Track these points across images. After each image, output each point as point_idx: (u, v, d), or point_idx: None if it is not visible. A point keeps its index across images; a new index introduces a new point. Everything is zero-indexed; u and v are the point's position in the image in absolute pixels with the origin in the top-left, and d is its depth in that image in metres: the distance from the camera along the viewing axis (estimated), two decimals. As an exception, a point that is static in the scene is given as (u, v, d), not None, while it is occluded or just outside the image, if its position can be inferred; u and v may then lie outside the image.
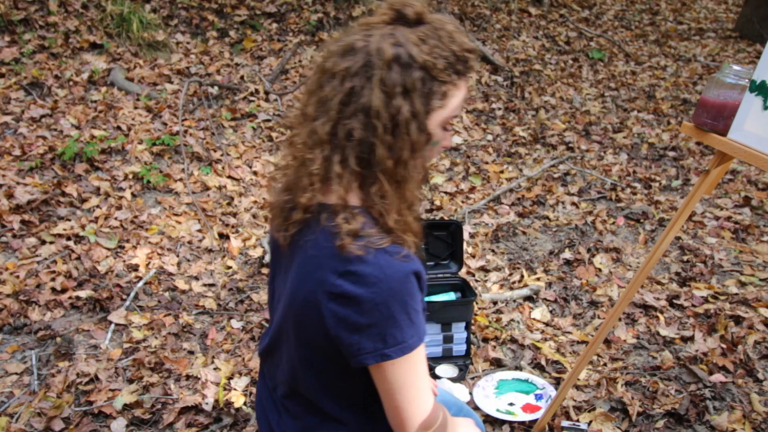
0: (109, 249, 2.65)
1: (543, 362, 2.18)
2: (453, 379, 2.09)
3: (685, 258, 2.79)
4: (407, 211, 1.00)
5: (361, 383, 1.07)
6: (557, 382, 2.08)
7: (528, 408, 1.95)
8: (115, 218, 2.84)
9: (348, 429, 1.15)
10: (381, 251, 0.94)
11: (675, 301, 2.48)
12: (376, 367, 0.98)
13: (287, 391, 1.17)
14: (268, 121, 3.96)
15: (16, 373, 2.04)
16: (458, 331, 2.15)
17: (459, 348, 2.18)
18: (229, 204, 3.13)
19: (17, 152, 3.09)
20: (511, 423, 1.91)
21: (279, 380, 1.18)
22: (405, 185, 0.98)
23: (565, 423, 1.85)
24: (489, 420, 1.92)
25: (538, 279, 2.66)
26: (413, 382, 1.01)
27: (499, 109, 4.51)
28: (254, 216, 3.07)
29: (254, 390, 2.05)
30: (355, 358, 0.97)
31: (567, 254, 2.85)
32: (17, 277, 2.41)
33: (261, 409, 1.29)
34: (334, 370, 1.08)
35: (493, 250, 2.88)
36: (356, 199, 0.98)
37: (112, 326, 2.27)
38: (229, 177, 3.34)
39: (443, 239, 2.21)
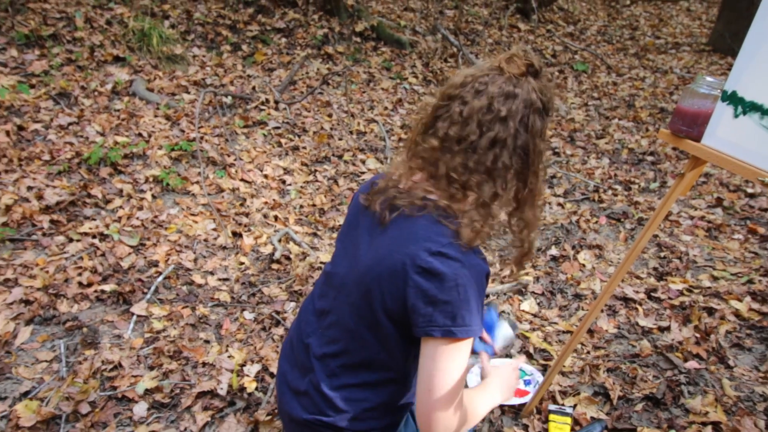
0: (131, 246, 2.66)
1: (531, 350, 2.19)
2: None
3: (662, 254, 2.79)
4: (527, 231, 1.16)
5: (408, 355, 1.13)
6: (544, 369, 2.09)
7: (517, 392, 1.96)
8: (137, 218, 2.85)
9: (378, 393, 1.17)
10: (470, 249, 1.04)
11: (653, 294, 2.49)
12: (435, 342, 1.03)
13: (335, 351, 1.17)
14: (278, 128, 3.97)
15: (46, 361, 2.04)
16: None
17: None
18: (241, 205, 3.13)
19: (47, 157, 3.10)
20: (501, 406, 1.92)
21: (328, 339, 1.19)
22: (528, 207, 1.15)
23: (552, 406, 1.86)
24: (482, 404, 1.93)
25: (527, 274, 2.67)
26: (453, 369, 1.04)
27: (491, 117, 4.51)
28: (265, 216, 3.07)
29: (265, 376, 2.06)
30: (423, 328, 1.02)
31: (553, 251, 2.85)
32: (47, 272, 2.42)
33: (286, 363, 1.29)
34: (393, 338, 1.11)
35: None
36: (464, 205, 1.08)
37: (134, 317, 2.28)
38: (242, 180, 3.34)
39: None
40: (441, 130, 1.12)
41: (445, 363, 1.03)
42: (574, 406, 1.91)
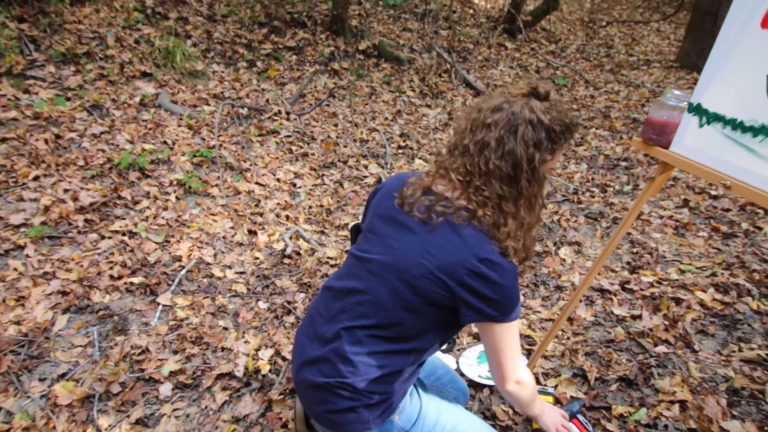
0: (157, 243, 2.66)
1: (517, 336, 2.19)
2: (443, 351, 2.10)
3: (634, 250, 2.79)
4: (524, 233, 1.19)
5: (434, 333, 1.21)
6: (529, 353, 2.09)
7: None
8: (162, 217, 2.85)
9: (396, 362, 1.21)
10: (503, 254, 1.12)
11: (626, 285, 2.49)
12: (490, 327, 1.16)
13: (366, 324, 1.21)
14: (289, 136, 3.97)
15: (81, 346, 2.05)
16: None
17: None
18: (256, 205, 3.14)
19: (81, 163, 3.10)
20: (490, 387, 1.92)
21: (358, 314, 1.22)
22: (534, 211, 1.18)
23: (536, 387, 1.85)
24: (472, 384, 1.93)
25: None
26: (511, 345, 1.19)
27: (481, 126, 4.51)
28: (277, 215, 3.08)
29: (278, 360, 2.06)
30: (474, 317, 1.13)
31: (537, 247, 2.85)
32: (81, 266, 2.42)
33: (305, 337, 1.30)
34: (432, 318, 1.19)
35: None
36: (488, 211, 1.15)
37: (160, 307, 2.29)
38: (257, 183, 3.35)
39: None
40: (449, 142, 1.20)
41: (505, 341, 1.18)
42: (556, 386, 1.92)
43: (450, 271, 1.10)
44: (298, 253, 2.74)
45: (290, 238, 2.84)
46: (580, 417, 1.69)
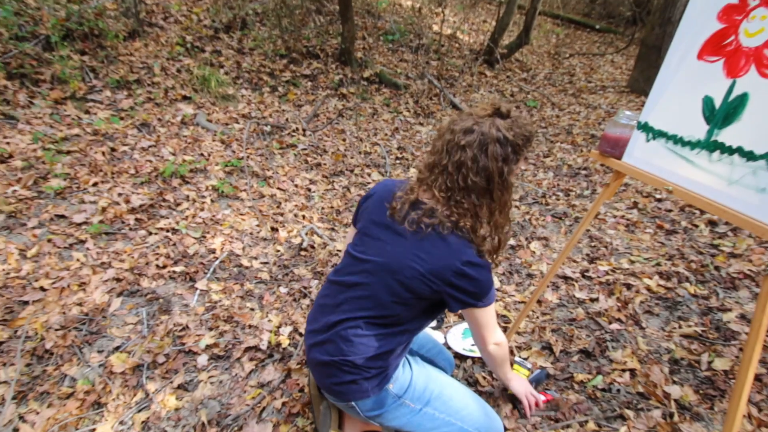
0: (195, 238, 2.67)
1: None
2: (433, 328, 2.10)
3: (592, 244, 2.80)
4: (497, 232, 1.19)
5: (421, 318, 1.23)
6: (505, 330, 2.09)
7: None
8: (200, 217, 2.86)
9: (389, 342, 1.22)
10: (481, 255, 1.14)
11: (586, 273, 2.49)
12: (472, 311, 1.19)
13: (365, 315, 1.21)
14: (305, 149, 3.97)
15: (132, 324, 2.05)
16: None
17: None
18: (277, 207, 3.14)
19: (132, 171, 3.10)
20: (472, 358, 1.92)
21: (359, 306, 1.22)
22: (504, 213, 1.18)
23: (517, 359, 1.84)
24: (458, 356, 1.94)
25: (494, 267, 2.67)
26: (489, 321, 1.23)
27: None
28: (295, 215, 3.08)
29: (296, 335, 2.06)
30: (459, 306, 1.15)
31: (512, 241, 2.85)
32: (132, 257, 2.43)
33: (314, 323, 1.31)
34: (420, 308, 1.19)
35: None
36: (467, 221, 1.15)
37: (198, 291, 2.29)
38: (278, 188, 3.35)
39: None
40: (426, 159, 1.18)
41: (484, 318, 1.21)
42: (527, 358, 1.92)
43: (439, 273, 1.10)
44: (313, 247, 2.74)
45: (306, 234, 2.84)
46: (549, 391, 1.70)
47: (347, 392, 1.22)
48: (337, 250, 2.71)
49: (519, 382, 1.53)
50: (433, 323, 2.12)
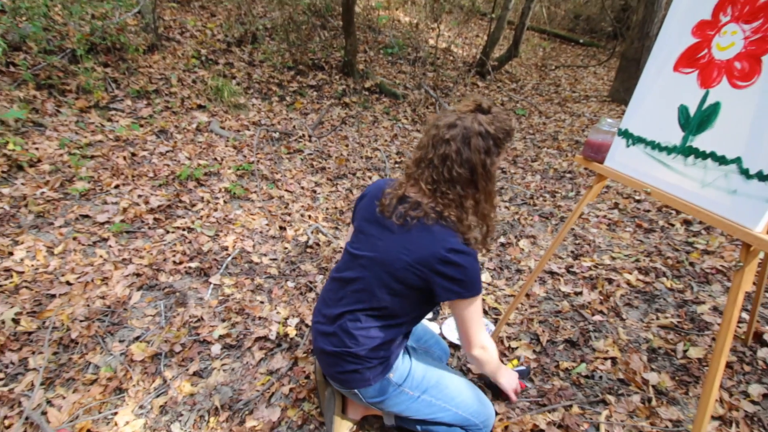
0: (209, 236, 2.66)
1: (486, 308, 2.19)
2: (429, 319, 2.10)
3: (577, 242, 2.79)
4: (485, 219, 1.16)
5: (416, 310, 1.18)
6: (496, 321, 2.09)
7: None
8: (213, 217, 2.85)
9: (387, 333, 1.20)
10: (466, 243, 1.09)
11: (570, 269, 2.49)
12: (458, 303, 1.12)
13: (361, 307, 1.19)
14: (311, 154, 3.97)
15: (151, 315, 2.05)
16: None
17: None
18: (285, 207, 3.13)
19: (151, 174, 3.10)
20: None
21: (356, 299, 1.19)
22: (489, 201, 1.15)
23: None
24: (452, 345, 1.93)
25: (484, 255, 2.67)
26: (475, 317, 1.15)
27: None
28: (302, 215, 3.07)
29: (302, 327, 2.06)
30: (447, 296, 1.10)
31: (502, 239, 2.85)
32: (151, 254, 2.42)
33: (319, 316, 1.30)
34: (412, 299, 1.15)
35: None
36: (452, 211, 1.11)
37: (212, 285, 2.29)
38: (286, 190, 3.34)
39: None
40: (414, 155, 1.15)
41: (470, 314, 1.14)
42: (515, 349, 1.91)
43: (424, 261, 1.08)
44: (318, 244, 2.73)
45: (312, 232, 2.84)
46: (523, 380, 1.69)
47: (350, 380, 1.21)
48: (340, 248, 2.70)
49: (507, 379, 1.45)
50: (429, 315, 2.12)
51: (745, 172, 0.99)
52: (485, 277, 2.45)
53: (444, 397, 1.30)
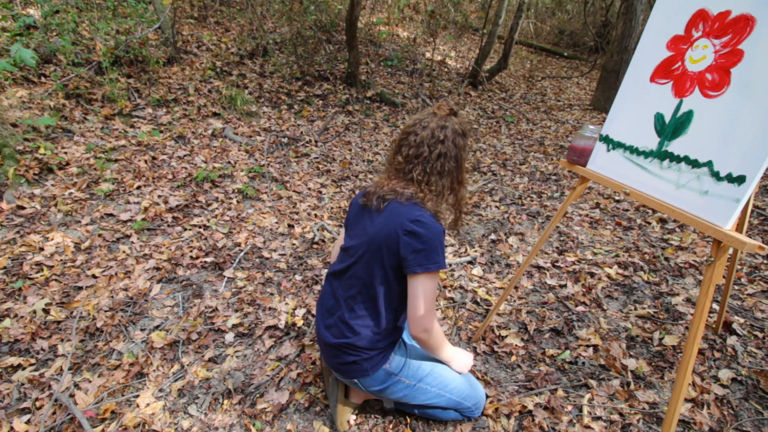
0: (223, 233, 2.66)
1: (478, 300, 2.19)
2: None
3: (561, 238, 2.79)
4: (461, 203, 1.20)
5: (403, 295, 1.16)
6: (487, 311, 2.09)
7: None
8: (227, 215, 2.85)
9: (381, 321, 1.19)
10: (432, 217, 1.09)
11: (555, 263, 2.49)
12: (417, 276, 1.08)
13: (353, 294, 1.19)
14: (317, 158, 3.96)
15: (170, 306, 2.05)
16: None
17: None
18: (293, 207, 3.13)
19: (170, 176, 3.10)
20: (459, 334, 1.92)
21: (348, 287, 1.19)
22: (460, 190, 1.19)
23: None
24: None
25: (476, 251, 2.67)
26: (429, 296, 1.09)
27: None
28: (308, 214, 3.07)
29: (309, 317, 2.06)
30: (410, 268, 1.07)
31: (493, 236, 2.85)
32: (170, 249, 2.43)
33: (322, 308, 1.30)
34: (396, 285, 1.14)
35: (449, 234, 2.88)
36: (427, 194, 1.13)
37: (225, 278, 2.29)
38: (294, 191, 3.34)
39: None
40: (404, 151, 1.16)
41: (425, 288, 1.09)
42: (505, 337, 1.91)
43: (393, 234, 1.09)
44: (323, 241, 2.73)
45: (317, 230, 2.84)
46: None
47: (350, 371, 1.22)
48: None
49: (459, 363, 1.33)
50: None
51: (716, 175, 0.99)
52: (476, 271, 2.44)
53: (438, 384, 1.30)
